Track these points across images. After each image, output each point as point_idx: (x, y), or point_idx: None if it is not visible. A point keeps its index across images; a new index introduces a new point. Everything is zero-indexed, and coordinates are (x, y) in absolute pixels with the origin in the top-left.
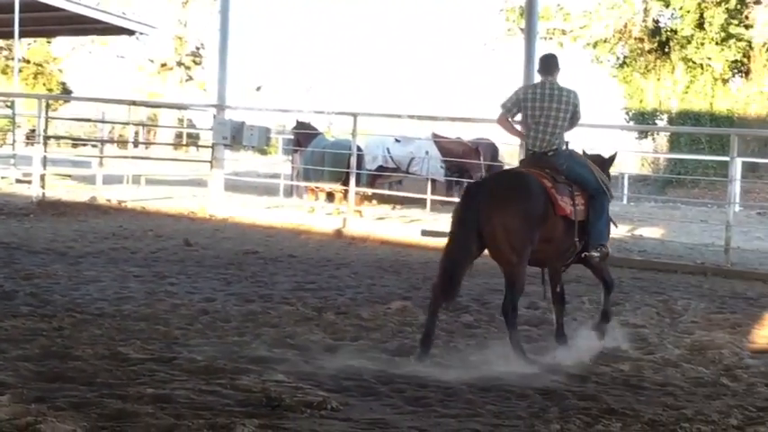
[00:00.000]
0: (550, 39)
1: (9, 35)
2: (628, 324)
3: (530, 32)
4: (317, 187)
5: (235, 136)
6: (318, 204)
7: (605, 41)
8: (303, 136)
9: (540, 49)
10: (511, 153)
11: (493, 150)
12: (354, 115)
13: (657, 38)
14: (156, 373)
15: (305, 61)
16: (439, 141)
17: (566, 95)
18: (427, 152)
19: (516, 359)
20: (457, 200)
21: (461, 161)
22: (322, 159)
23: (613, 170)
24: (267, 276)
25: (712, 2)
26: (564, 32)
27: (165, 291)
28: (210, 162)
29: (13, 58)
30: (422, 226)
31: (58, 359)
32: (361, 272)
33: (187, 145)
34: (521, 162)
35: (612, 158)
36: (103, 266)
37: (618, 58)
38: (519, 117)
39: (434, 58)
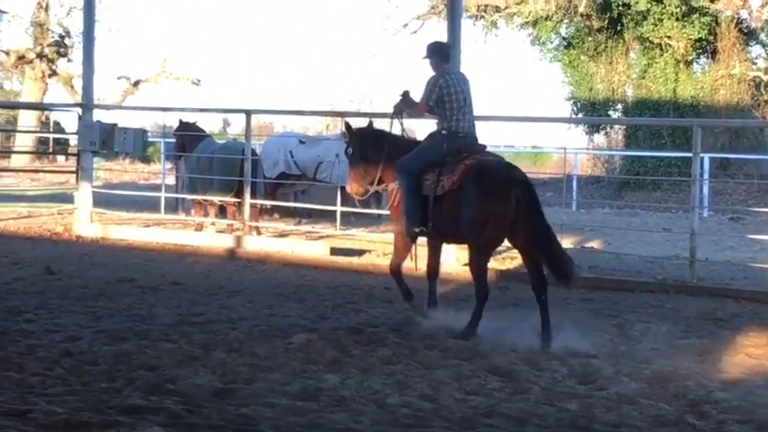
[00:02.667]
0: (481, 18)
1: None
2: (576, 354)
3: (454, 11)
4: (204, 200)
5: (105, 140)
6: (207, 221)
7: (546, 19)
8: (188, 139)
9: (469, 30)
10: None
11: None
12: (248, 113)
13: (608, 14)
14: (5, 429)
15: (192, 51)
16: None
17: (467, 79)
18: (338, 155)
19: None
20: (374, 211)
21: None
22: (210, 166)
23: (559, 171)
24: (145, 309)
25: None
26: (498, 9)
27: (19, 329)
28: (76, 173)
29: None
30: (331, 243)
31: None
32: (259, 300)
33: (53, 153)
34: (455, 146)
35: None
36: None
37: (562, 39)
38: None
39: (346, 44)
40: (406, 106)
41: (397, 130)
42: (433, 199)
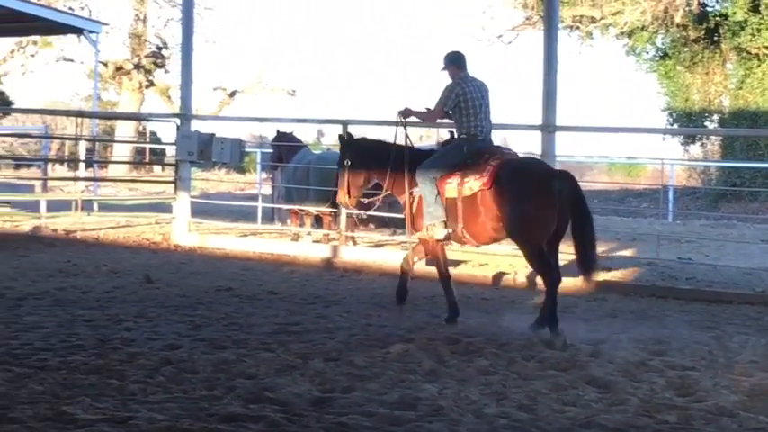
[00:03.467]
0: (576, 28)
1: None
2: (674, 366)
3: (550, 21)
4: (301, 210)
5: (203, 151)
6: (304, 231)
7: (642, 29)
8: (284, 149)
9: (564, 40)
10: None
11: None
12: (344, 123)
13: (704, 25)
14: None
15: (288, 62)
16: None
17: (486, 87)
18: None
19: None
20: None
21: None
22: (306, 176)
23: (655, 182)
24: (243, 318)
25: None
26: (593, 20)
27: (120, 338)
28: (174, 183)
29: None
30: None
31: None
32: (355, 310)
33: (150, 163)
34: (475, 149)
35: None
36: (48, 310)
37: (658, 50)
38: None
39: (438, 55)
40: (414, 113)
41: (401, 137)
42: (461, 201)
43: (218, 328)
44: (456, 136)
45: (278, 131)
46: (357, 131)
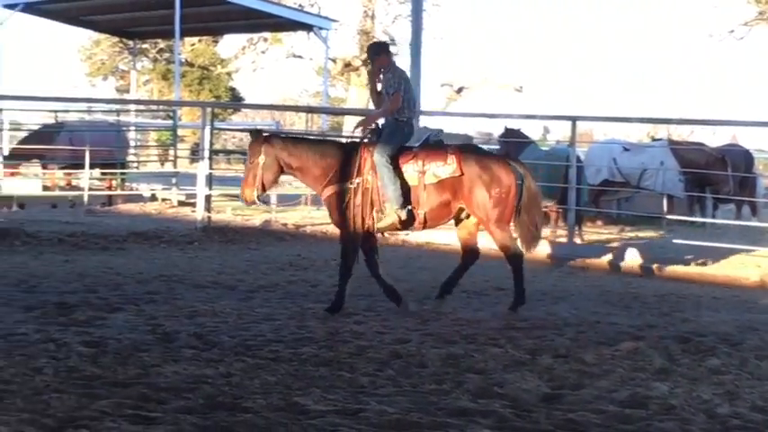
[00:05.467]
0: None
1: (169, 34)
2: None
3: None
4: None
5: None
6: None
7: None
8: (512, 145)
9: None
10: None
11: (746, 159)
12: (573, 119)
13: None
14: (338, 427)
15: (514, 57)
16: (677, 149)
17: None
18: (662, 162)
19: None
20: (699, 219)
21: (705, 172)
22: (534, 173)
23: None
24: (471, 313)
25: None
26: None
27: (350, 330)
28: None
29: (174, 61)
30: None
31: (226, 411)
32: (583, 307)
33: None
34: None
35: None
36: (278, 302)
37: None
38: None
39: (666, 50)
40: (375, 117)
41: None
42: (425, 188)
43: (446, 322)
44: (391, 119)
45: (506, 128)
46: (586, 128)
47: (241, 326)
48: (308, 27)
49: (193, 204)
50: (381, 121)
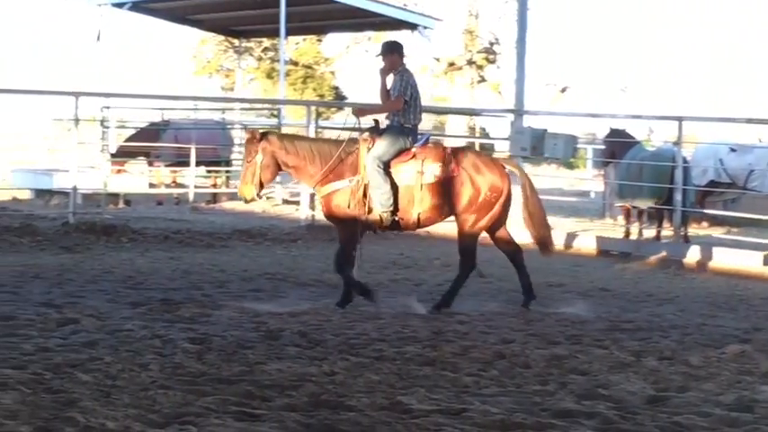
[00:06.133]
0: None
1: (275, 33)
2: None
3: None
4: (633, 207)
5: (535, 146)
6: (636, 228)
7: None
8: (618, 146)
9: None
10: None
11: None
12: (679, 119)
13: None
14: (442, 427)
15: (619, 57)
16: None
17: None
18: None
19: None
20: None
21: None
22: (640, 173)
23: None
24: (575, 313)
25: None
26: None
27: (453, 330)
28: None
29: (278, 60)
30: (765, 253)
31: (330, 409)
32: (689, 309)
33: None
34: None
35: None
36: (383, 301)
37: None
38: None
39: None
40: (370, 110)
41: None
42: (421, 188)
43: (549, 323)
44: (397, 124)
45: (610, 128)
46: (692, 128)
47: (345, 324)
48: (412, 26)
49: (297, 203)
50: (385, 121)
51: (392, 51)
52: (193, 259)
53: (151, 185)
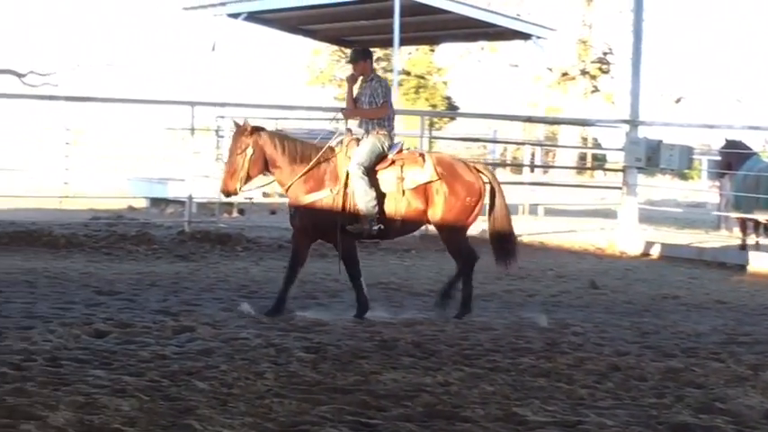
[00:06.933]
0: None
1: (388, 43)
2: None
3: None
4: (749, 219)
5: (650, 157)
6: (752, 240)
7: None
8: (734, 157)
9: None
10: None
11: None
12: None
13: None
14: None
15: (734, 67)
16: None
17: None
18: None
19: None
20: None
21: None
22: (756, 185)
23: None
24: (690, 326)
25: None
26: None
27: (567, 342)
28: (621, 188)
29: (392, 70)
30: None
31: (445, 420)
32: None
33: (593, 168)
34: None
35: None
36: (496, 312)
37: None
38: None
39: None
40: (358, 113)
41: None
42: (402, 194)
43: (665, 336)
44: (372, 130)
45: (726, 139)
46: None
47: (459, 335)
48: (526, 36)
49: None
50: (359, 129)
51: (363, 58)
52: (307, 268)
53: (264, 195)
